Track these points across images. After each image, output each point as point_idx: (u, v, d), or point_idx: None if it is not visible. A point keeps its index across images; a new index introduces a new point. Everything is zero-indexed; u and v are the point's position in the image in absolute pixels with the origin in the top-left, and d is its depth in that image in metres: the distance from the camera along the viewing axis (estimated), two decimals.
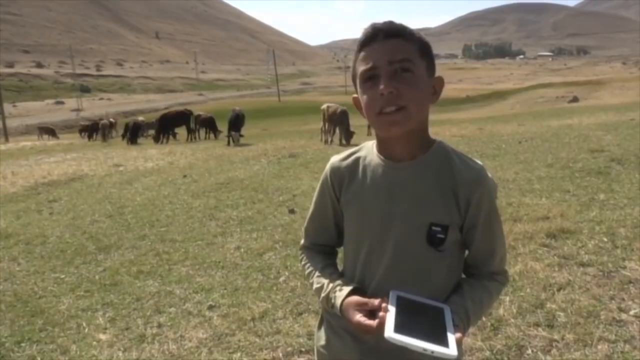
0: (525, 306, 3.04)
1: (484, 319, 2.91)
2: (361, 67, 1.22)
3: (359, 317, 1.18)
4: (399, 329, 1.08)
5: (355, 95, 1.30)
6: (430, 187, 1.24)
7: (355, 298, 1.23)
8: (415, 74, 1.19)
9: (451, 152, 1.28)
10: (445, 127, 14.28)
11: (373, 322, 1.13)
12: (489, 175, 1.28)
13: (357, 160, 1.35)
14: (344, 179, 1.35)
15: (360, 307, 1.20)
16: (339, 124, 13.89)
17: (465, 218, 1.25)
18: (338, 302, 1.25)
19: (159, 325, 3.40)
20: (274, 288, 3.81)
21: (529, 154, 7.85)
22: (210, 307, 3.58)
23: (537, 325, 2.82)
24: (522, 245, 4.04)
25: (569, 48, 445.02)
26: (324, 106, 14.77)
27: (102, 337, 3.32)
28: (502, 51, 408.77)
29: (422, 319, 1.14)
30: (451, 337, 1.07)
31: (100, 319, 3.59)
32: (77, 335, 3.39)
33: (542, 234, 4.18)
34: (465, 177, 1.24)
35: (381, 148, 1.31)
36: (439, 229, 1.23)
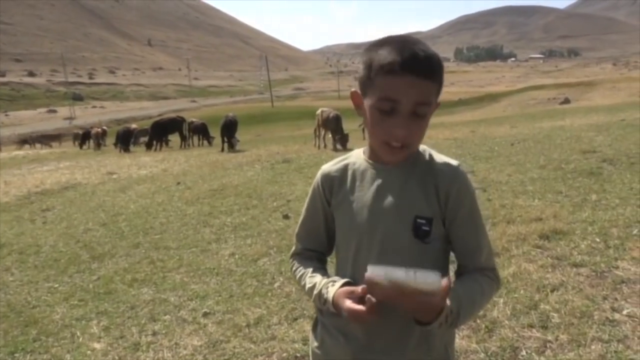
0: (519, 307, 3.05)
1: (477, 321, 2.92)
2: (383, 92, 1.21)
3: (349, 303, 1.21)
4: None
5: (354, 90, 1.33)
6: (414, 183, 1.31)
7: (345, 288, 1.27)
8: (427, 115, 1.24)
9: (429, 151, 1.36)
10: (438, 130, 14.33)
11: (363, 307, 1.17)
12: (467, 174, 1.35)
13: (346, 166, 1.42)
14: (333, 184, 1.41)
15: (349, 295, 1.23)
16: (332, 129, 13.89)
17: (445, 211, 1.30)
18: (330, 296, 1.29)
19: (154, 333, 3.39)
20: (269, 294, 3.80)
21: (521, 156, 7.89)
22: (205, 314, 3.57)
23: (531, 326, 2.83)
24: (515, 246, 4.05)
25: (559, 50, 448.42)
26: (319, 111, 14.79)
27: (97, 346, 3.30)
28: (493, 54, 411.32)
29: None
30: (444, 279, 1.09)
31: (95, 328, 3.57)
32: (71, 344, 3.37)
33: (535, 235, 4.20)
34: (443, 172, 1.31)
35: (371, 154, 1.38)
36: (423, 221, 1.28)
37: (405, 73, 1.18)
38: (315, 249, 1.50)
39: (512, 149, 8.68)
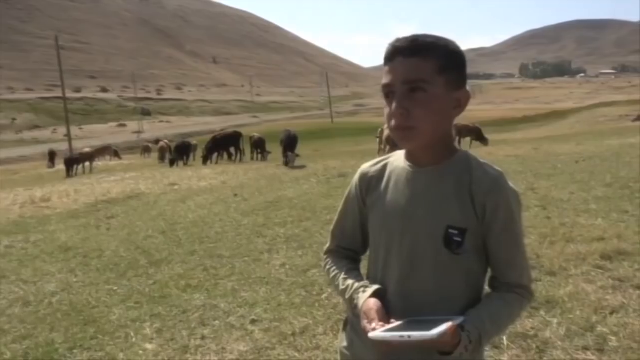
0: (574, 329, 2.91)
1: (528, 341, 2.81)
2: (382, 83, 1.30)
3: (364, 323, 1.24)
4: (387, 330, 1.12)
5: None
6: (449, 191, 1.27)
7: (372, 301, 1.26)
8: (429, 93, 1.22)
9: (472, 159, 1.31)
10: (499, 147, 13.97)
11: (371, 327, 1.20)
12: (510, 183, 1.28)
13: (385, 166, 1.41)
14: (370, 183, 1.41)
15: (371, 313, 1.24)
16: (393, 146, 13.71)
17: (482, 224, 1.26)
18: (360, 302, 1.29)
19: (203, 337, 3.47)
20: (316, 304, 3.82)
21: (586, 174, 7.56)
22: (253, 321, 3.63)
23: (585, 349, 2.70)
24: (574, 266, 3.88)
25: (633, 65, 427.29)
26: (385, 126, 14.56)
27: (148, 346, 3.42)
28: (561, 70, 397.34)
29: (421, 324, 1.13)
30: (441, 327, 1.07)
31: (148, 330, 3.70)
32: (125, 344, 3.51)
33: (596, 255, 4.01)
34: (482, 183, 1.26)
35: (408, 154, 1.36)
36: (456, 232, 1.25)
37: (393, 58, 1.26)
38: (349, 248, 1.50)
39: (576, 167, 8.34)
